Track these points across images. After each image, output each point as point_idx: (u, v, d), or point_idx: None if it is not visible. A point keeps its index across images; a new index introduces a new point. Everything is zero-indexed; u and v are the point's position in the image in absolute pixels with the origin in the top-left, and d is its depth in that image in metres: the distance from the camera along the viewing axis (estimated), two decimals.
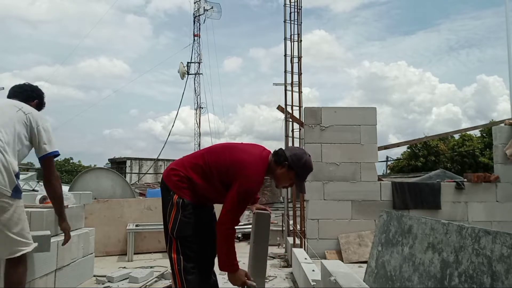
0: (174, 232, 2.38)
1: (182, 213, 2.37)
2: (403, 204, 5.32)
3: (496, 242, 1.76)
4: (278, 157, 2.41)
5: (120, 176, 7.42)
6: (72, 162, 43.85)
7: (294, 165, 2.39)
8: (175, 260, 2.38)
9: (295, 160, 2.39)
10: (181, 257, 2.37)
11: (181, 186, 2.40)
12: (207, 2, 24.48)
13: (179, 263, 2.37)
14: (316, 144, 5.42)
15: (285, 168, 2.40)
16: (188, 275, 2.37)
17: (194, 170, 2.42)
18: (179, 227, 2.37)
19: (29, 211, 3.34)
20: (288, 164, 2.39)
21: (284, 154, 2.42)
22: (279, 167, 2.41)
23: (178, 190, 2.40)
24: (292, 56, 5.87)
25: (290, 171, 2.41)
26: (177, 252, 2.39)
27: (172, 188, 2.41)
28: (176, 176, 2.43)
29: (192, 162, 2.47)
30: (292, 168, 2.40)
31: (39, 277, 3.00)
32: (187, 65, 23.94)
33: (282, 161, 2.40)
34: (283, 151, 2.46)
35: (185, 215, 2.38)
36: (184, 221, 2.37)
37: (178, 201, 2.37)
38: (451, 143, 25.10)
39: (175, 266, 2.38)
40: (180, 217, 2.37)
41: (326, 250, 5.23)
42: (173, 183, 2.42)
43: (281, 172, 2.42)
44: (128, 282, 4.04)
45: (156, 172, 22.61)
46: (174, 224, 2.38)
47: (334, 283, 2.18)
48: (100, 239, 5.26)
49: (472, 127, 8.48)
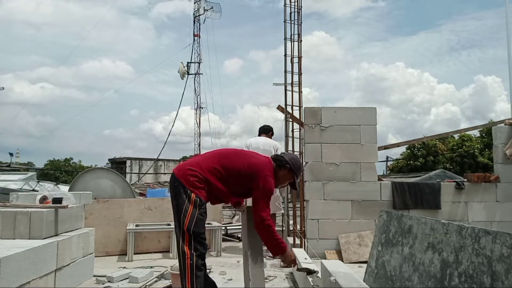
0: (191, 228, 2.55)
1: (199, 210, 2.59)
2: (403, 204, 5.32)
3: (496, 242, 1.76)
4: (280, 161, 2.84)
5: (120, 176, 7.41)
6: (73, 162, 43.85)
7: (294, 168, 2.84)
8: (188, 255, 2.51)
9: (295, 163, 2.86)
10: (194, 253, 2.52)
11: (198, 186, 2.63)
12: (207, 2, 24.47)
13: (191, 258, 2.51)
14: (316, 144, 5.41)
15: (286, 170, 2.83)
16: (199, 271, 2.52)
17: (212, 173, 2.69)
18: (196, 224, 2.57)
19: (29, 211, 3.35)
20: (289, 167, 2.82)
21: (284, 159, 2.86)
22: (281, 169, 2.83)
23: (195, 190, 2.61)
24: (292, 56, 5.87)
25: (290, 172, 2.85)
26: (190, 247, 2.53)
27: (189, 187, 2.61)
28: (194, 176, 2.64)
29: (210, 165, 2.71)
30: (292, 170, 2.84)
31: (39, 277, 3.00)
32: (187, 65, 23.92)
33: (284, 164, 2.82)
34: (283, 157, 2.90)
35: (201, 213, 2.61)
36: (200, 218, 2.59)
37: (196, 200, 2.59)
38: (450, 143, 25.08)
39: (187, 261, 2.50)
40: (197, 215, 2.58)
41: (326, 250, 5.23)
42: (191, 183, 2.62)
43: (283, 174, 2.84)
44: (128, 282, 4.03)
45: (156, 172, 22.60)
46: (191, 221, 2.56)
47: (334, 283, 2.18)
48: (100, 239, 5.25)
49: (472, 127, 8.48)
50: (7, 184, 11.32)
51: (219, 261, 5.01)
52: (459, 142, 24.23)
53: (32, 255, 2.90)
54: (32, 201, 3.80)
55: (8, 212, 3.35)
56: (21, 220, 3.31)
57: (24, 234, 3.29)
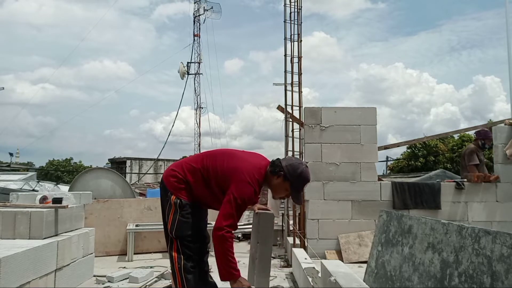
0: (173, 232, 2.42)
1: (180, 213, 2.41)
2: (403, 204, 5.32)
3: (496, 242, 1.76)
4: (274, 167, 2.39)
5: (120, 176, 7.41)
6: (74, 162, 43.87)
7: (289, 175, 2.35)
8: (176, 259, 2.42)
9: (291, 170, 2.36)
10: (181, 256, 2.41)
11: (178, 187, 2.45)
12: (207, 2, 24.47)
13: (179, 262, 2.40)
14: (316, 144, 5.41)
15: (280, 178, 2.38)
16: (188, 274, 2.39)
17: (192, 173, 2.46)
18: (178, 227, 2.41)
19: (29, 211, 3.35)
20: (284, 174, 2.36)
21: (280, 164, 2.39)
22: (275, 177, 2.39)
23: (175, 191, 2.45)
24: (292, 56, 5.87)
25: (285, 181, 2.38)
26: (178, 251, 2.43)
27: (170, 188, 2.47)
28: (174, 177, 2.48)
29: (191, 165, 2.51)
30: (287, 179, 2.36)
31: (39, 277, 3.00)
32: (187, 65, 23.93)
33: (278, 171, 2.37)
34: (280, 161, 2.42)
35: (183, 215, 2.42)
36: (182, 221, 2.41)
37: (176, 202, 2.42)
38: (450, 143, 25.09)
39: (176, 265, 2.42)
40: (179, 217, 2.42)
41: (326, 250, 5.23)
42: (171, 184, 2.47)
43: (277, 183, 2.40)
44: (128, 282, 4.04)
45: (156, 172, 22.61)
46: (173, 224, 2.43)
47: (334, 283, 2.18)
48: (100, 239, 5.26)
49: (472, 127, 8.45)
50: (7, 184, 11.33)
51: None
52: (459, 142, 24.23)
53: (32, 255, 2.90)
54: (32, 201, 3.81)
55: (8, 212, 3.35)
56: (21, 220, 3.31)
57: (24, 234, 3.29)
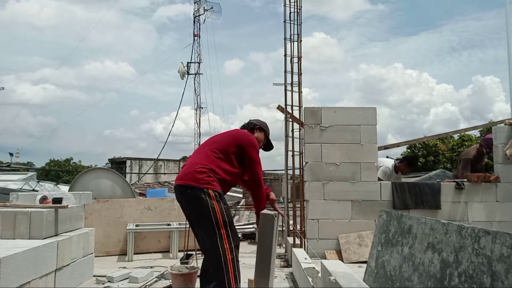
0: (224, 219, 2.59)
1: (222, 201, 2.66)
2: (403, 204, 5.32)
3: (496, 242, 1.76)
4: (253, 125, 3.27)
5: (120, 176, 7.41)
6: (73, 162, 43.85)
7: (263, 126, 3.31)
8: (229, 250, 2.53)
9: (262, 123, 3.32)
10: (233, 247, 2.57)
11: (209, 180, 2.66)
12: (207, 2, 24.46)
13: (232, 252, 2.54)
14: (316, 144, 5.41)
15: (258, 131, 3.27)
16: (238, 265, 2.58)
17: (212, 161, 2.76)
18: (226, 214, 2.64)
19: (29, 211, 3.35)
20: (260, 127, 3.28)
21: (254, 122, 3.31)
22: (256, 131, 3.25)
23: (209, 185, 2.64)
24: (292, 56, 5.86)
25: (262, 132, 3.28)
26: (229, 241, 2.56)
27: (203, 185, 2.63)
28: (201, 173, 2.67)
29: (207, 156, 2.79)
30: (262, 129, 3.29)
31: (39, 277, 3.00)
32: (187, 65, 23.93)
33: (255, 126, 3.26)
34: (251, 121, 3.33)
35: (225, 202, 2.71)
36: (225, 207, 2.67)
37: (215, 194, 2.63)
38: (450, 143, 25.10)
39: (229, 256, 2.52)
40: (223, 206, 2.65)
41: (326, 250, 5.23)
42: (202, 180, 2.64)
43: (258, 135, 3.23)
44: (128, 282, 4.04)
45: (156, 172, 22.60)
46: (222, 214, 2.60)
47: (334, 283, 2.18)
48: (100, 239, 5.26)
49: (472, 127, 8.47)
50: (7, 184, 11.33)
51: None
52: (459, 142, 24.25)
53: (32, 255, 2.89)
54: (32, 201, 3.80)
55: (8, 212, 3.35)
56: (21, 220, 3.31)
57: (24, 234, 3.29)
